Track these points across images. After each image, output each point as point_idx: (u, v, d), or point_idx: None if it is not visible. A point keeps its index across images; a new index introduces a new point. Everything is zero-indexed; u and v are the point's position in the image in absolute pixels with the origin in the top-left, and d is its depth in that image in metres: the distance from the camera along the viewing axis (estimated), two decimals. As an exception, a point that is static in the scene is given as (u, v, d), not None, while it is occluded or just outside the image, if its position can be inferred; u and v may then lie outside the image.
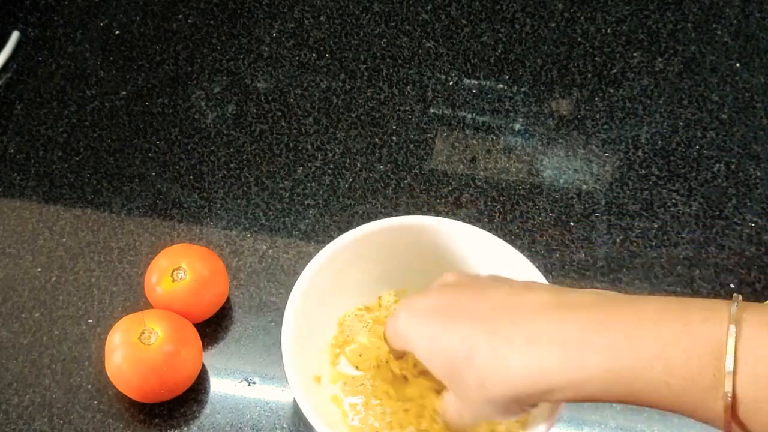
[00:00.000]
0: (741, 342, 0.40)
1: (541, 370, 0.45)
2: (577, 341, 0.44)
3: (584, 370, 0.44)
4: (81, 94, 0.82)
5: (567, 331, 0.45)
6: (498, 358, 0.46)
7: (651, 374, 0.42)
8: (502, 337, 0.47)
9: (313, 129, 0.80)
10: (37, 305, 0.70)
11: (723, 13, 0.88)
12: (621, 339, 0.43)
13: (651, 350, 0.42)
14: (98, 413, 0.65)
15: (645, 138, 0.80)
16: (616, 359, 0.43)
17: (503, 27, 0.87)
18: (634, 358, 0.42)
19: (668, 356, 0.42)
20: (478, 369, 0.47)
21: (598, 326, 0.44)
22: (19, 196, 0.76)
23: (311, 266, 0.61)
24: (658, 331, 0.42)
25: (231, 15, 0.87)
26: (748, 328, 0.41)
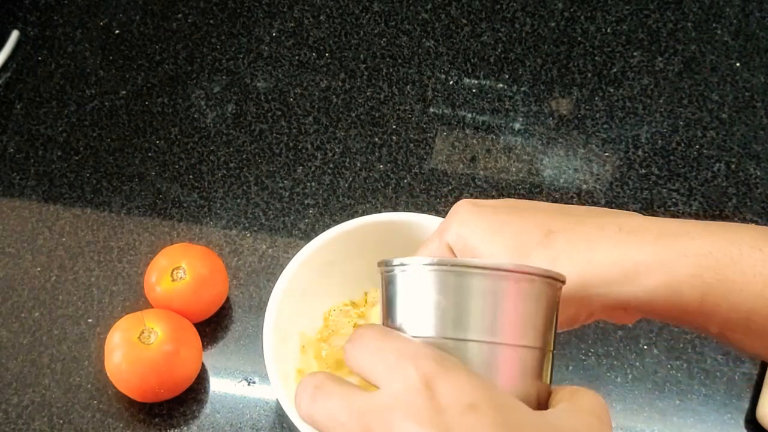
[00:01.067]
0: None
1: (630, 251, 0.41)
2: (672, 231, 0.42)
3: (678, 251, 0.41)
4: (81, 93, 0.82)
5: (662, 225, 0.43)
6: (583, 237, 0.42)
7: (747, 262, 0.41)
8: (591, 226, 0.43)
9: (313, 128, 0.80)
10: (37, 305, 0.70)
11: (723, 12, 0.88)
12: (718, 230, 0.42)
13: (749, 240, 0.41)
14: (98, 413, 0.65)
15: (645, 137, 0.80)
16: (712, 243, 0.41)
17: (503, 26, 0.87)
18: (731, 245, 0.41)
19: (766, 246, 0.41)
20: (555, 246, 0.42)
21: (695, 224, 0.43)
22: (19, 195, 0.76)
23: (296, 260, 0.61)
24: (757, 230, 0.42)
25: (231, 14, 0.87)
26: None
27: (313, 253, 0.61)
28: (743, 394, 0.67)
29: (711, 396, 0.67)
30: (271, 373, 0.56)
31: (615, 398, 0.66)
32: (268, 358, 0.56)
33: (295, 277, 0.61)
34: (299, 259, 0.61)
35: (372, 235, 0.63)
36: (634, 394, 0.67)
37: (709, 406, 0.66)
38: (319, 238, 0.62)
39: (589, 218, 0.43)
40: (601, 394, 0.68)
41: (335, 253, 0.63)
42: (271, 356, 0.57)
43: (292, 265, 0.61)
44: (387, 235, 0.64)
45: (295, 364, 0.62)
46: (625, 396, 0.66)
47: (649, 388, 0.67)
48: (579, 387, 0.37)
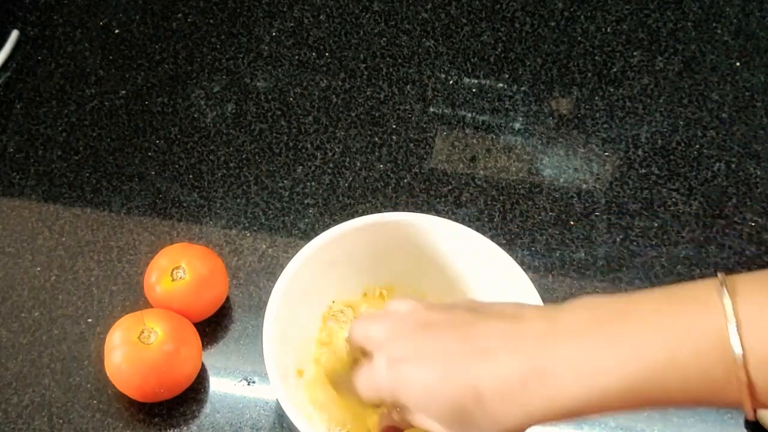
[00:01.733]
0: (742, 329, 0.41)
1: (557, 399, 0.45)
2: (586, 365, 0.44)
3: (600, 391, 0.43)
4: (80, 93, 0.82)
5: (574, 358, 0.45)
6: (511, 396, 0.46)
7: (665, 381, 0.42)
8: (511, 376, 0.46)
9: (313, 128, 0.80)
10: (37, 304, 0.70)
11: (723, 12, 0.88)
12: (629, 354, 0.43)
13: (659, 360, 0.42)
14: (98, 412, 0.65)
15: (645, 137, 0.80)
16: (628, 375, 0.43)
17: (503, 26, 0.87)
18: (644, 370, 0.43)
19: (677, 361, 0.42)
20: (491, 409, 0.46)
21: (603, 346, 0.44)
22: (19, 195, 0.76)
23: (296, 260, 0.61)
24: (662, 338, 0.43)
25: (230, 14, 0.87)
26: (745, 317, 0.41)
27: (313, 253, 0.61)
28: (743, 394, 0.67)
29: (711, 396, 0.67)
30: (271, 373, 0.56)
31: (615, 398, 0.66)
32: (268, 357, 0.56)
33: (295, 277, 0.60)
34: (299, 259, 0.61)
35: (372, 235, 0.63)
36: (634, 394, 0.66)
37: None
38: (319, 238, 0.62)
39: (504, 362, 0.46)
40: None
41: (335, 253, 0.63)
42: (271, 356, 0.57)
43: (292, 265, 0.61)
44: (387, 235, 0.64)
45: (294, 363, 0.62)
46: (625, 396, 0.66)
47: (649, 387, 0.67)
48: None
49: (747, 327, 0.41)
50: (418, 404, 0.49)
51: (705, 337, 0.42)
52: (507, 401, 0.46)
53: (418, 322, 0.51)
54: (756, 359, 0.41)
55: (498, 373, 0.46)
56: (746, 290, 0.42)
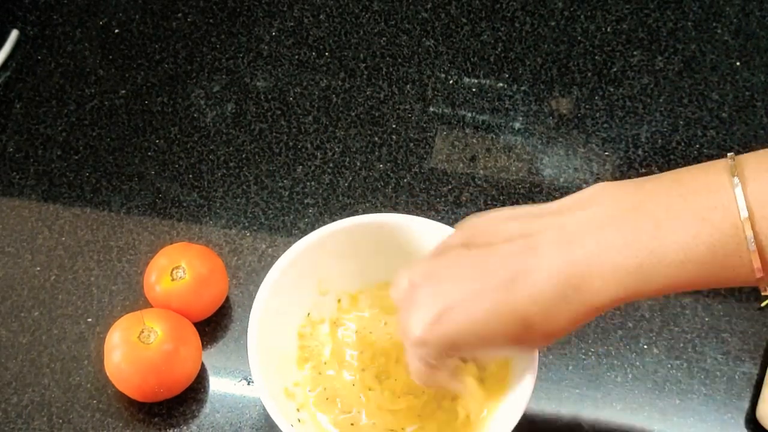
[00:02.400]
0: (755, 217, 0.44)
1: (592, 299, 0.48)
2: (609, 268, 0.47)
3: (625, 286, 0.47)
4: (80, 92, 0.82)
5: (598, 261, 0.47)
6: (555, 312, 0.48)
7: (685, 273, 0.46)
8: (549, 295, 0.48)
9: (313, 128, 0.80)
10: (36, 304, 0.70)
11: (723, 11, 0.88)
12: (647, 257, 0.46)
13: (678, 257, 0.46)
14: (97, 412, 0.65)
15: (645, 137, 0.80)
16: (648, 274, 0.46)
17: (503, 25, 0.87)
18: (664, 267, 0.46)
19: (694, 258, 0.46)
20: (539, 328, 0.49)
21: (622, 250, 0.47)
22: (18, 194, 0.76)
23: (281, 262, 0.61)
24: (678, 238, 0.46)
25: (230, 13, 0.87)
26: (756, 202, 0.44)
27: (298, 254, 0.61)
28: (743, 394, 0.67)
29: (711, 395, 0.67)
30: (256, 376, 0.56)
31: (615, 398, 0.66)
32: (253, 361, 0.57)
33: (273, 289, 0.60)
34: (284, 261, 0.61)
35: (359, 237, 0.63)
36: (634, 394, 0.66)
37: (709, 405, 0.66)
38: (305, 239, 0.62)
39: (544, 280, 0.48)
40: (601, 394, 0.68)
41: (323, 254, 0.62)
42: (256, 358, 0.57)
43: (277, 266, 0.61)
44: (375, 238, 0.63)
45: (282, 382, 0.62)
46: (625, 395, 0.66)
47: (649, 387, 0.67)
48: None
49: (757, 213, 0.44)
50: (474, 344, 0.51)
51: (719, 232, 0.45)
52: (552, 316, 0.48)
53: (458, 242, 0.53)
54: (764, 218, 0.44)
55: (537, 296, 0.48)
56: (755, 171, 0.45)
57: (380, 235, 0.63)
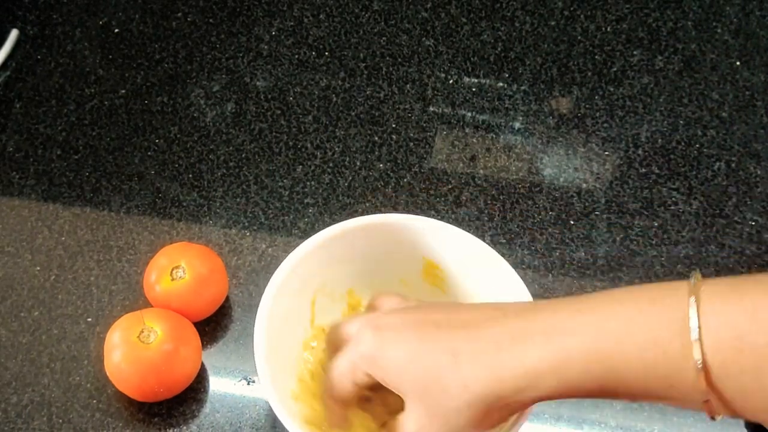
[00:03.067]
0: (702, 312, 0.43)
1: (524, 359, 0.47)
2: (557, 330, 0.46)
3: (564, 352, 0.46)
4: (80, 92, 0.82)
5: (545, 322, 0.47)
6: (485, 357, 0.48)
7: (624, 351, 0.44)
8: (487, 341, 0.48)
9: (313, 127, 0.80)
10: (36, 304, 0.70)
11: (723, 11, 0.88)
12: (593, 322, 0.46)
13: (622, 329, 0.45)
14: (97, 412, 0.65)
15: (645, 136, 0.80)
16: (590, 339, 0.45)
17: (503, 25, 0.87)
18: (606, 337, 0.45)
19: (638, 333, 0.44)
20: (463, 372, 0.48)
21: (572, 314, 0.47)
22: (18, 194, 0.76)
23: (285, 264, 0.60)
24: (626, 309, 0.45)
25: (230, 13, 0.87)
26: (707, 299, 0.43)
27: (302, 257, 0.61)
28: (743, 394, 0.66)
29: (711, 395, 0.66)
30: (263, 376, 0.56)
31: (615, 397, 0.66)
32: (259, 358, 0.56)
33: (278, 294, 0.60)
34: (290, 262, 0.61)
35: (360, 239, 0.63)
36: (634, 394, 0.66)
37: (709, 405, 0.66)
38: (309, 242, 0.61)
39: (483, 330, 0.49)
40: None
41: (325, 259, 0.62)
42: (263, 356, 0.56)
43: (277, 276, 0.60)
44: (377, 239, 0.63)
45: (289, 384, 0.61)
46: (625, 395, 0.66)
47: (649, 387, 0.67)
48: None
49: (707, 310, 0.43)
50: (395, 370, 0.50)
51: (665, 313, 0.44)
52: (479, 363, 0.48)
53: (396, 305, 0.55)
54: (712, 340, 0.42)
55: (475, 338, 0.48)
56: (714, 282, 0.44)
57: (388, 236, 0.63)
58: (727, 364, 0.42)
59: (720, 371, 0.42)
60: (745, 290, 0.43)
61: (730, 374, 0.42)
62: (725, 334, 0.42)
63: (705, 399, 0.43)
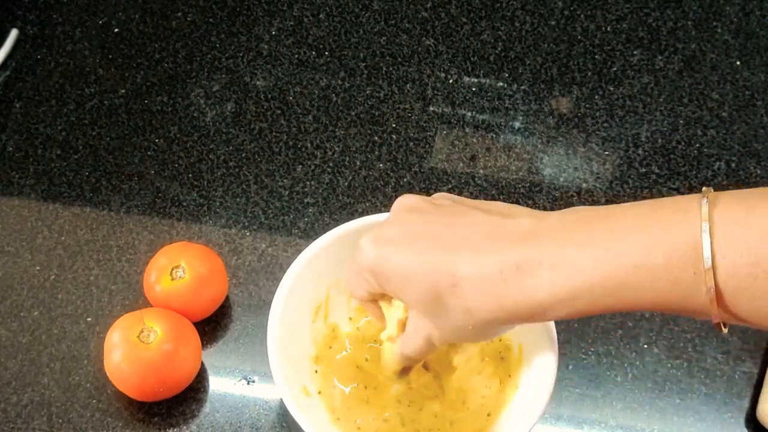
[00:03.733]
0: (715, 237, 0.42)
1: (532, 293, 0.46)
2: (563, 261, 0.45)
3: (573, 288, 0.45)
4: (80, 92, 0.82)
5: (552, 254, 0.46)
6: (488, 285, 0.46)
7: (636, 281, 0.44)
8: (490, 268, 0.46)
9: (313, 127, 0.80)
10: (36, 304, 0.70)
11: (723, 11, 0.88)
12: (603, 252, 0.44)
13: (632, 258, 0.44)
14: (97, 412, 0.65)
15: (645, 136, 0.80)
16: (599, 273, 0.44)
17: (503, 25, 0.87)
18: (616, 269, 0.44)
19: (649, 261, 0.43)
20: (465, 297, 0.47)
21: (581, 244, 0.45)
22: (18, 194, 0.76)
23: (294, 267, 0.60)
24: (638, 238, 0.44)
25: (230, 13, 0.87)
26: (720, 222, 0.42)
27: (309, 259, 0.61)
28: (744, 393, 0.67)
29: (711, 395, 0.67)
30: (276, 375, 0.56)
31: (615, 397, 0.66)
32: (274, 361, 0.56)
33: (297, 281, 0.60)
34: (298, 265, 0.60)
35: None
36: (634, 393, 0.66)
37: (709, 405, 0.66)
38: (319, 241, 0.61)
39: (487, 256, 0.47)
40: (601, 393, 0.68)
41: (339, 255, 0.62)
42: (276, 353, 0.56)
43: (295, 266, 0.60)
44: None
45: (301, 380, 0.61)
46: (625, 395, 0.66)
47: (649, 387, 0.67)
48: None
49: (721, 235, 0.42)
50: (396, 285, 0.49)
51: (679, 242, 0.43)
52: (482, 290, 0.46)
53: (407, 206, 0.52)
54: (726, 267, 0.42)
55: (477, 263, 0.47)
56: (726, 201, 0.43)
57: None
58: (741, 291, 0.42)
59: (733, 297, 0.42)
60: (759, 209, 0.42)
61: (743, 300, 0.42)
62: (739, 261, 0.41)
63: (716, 321, 0.43)
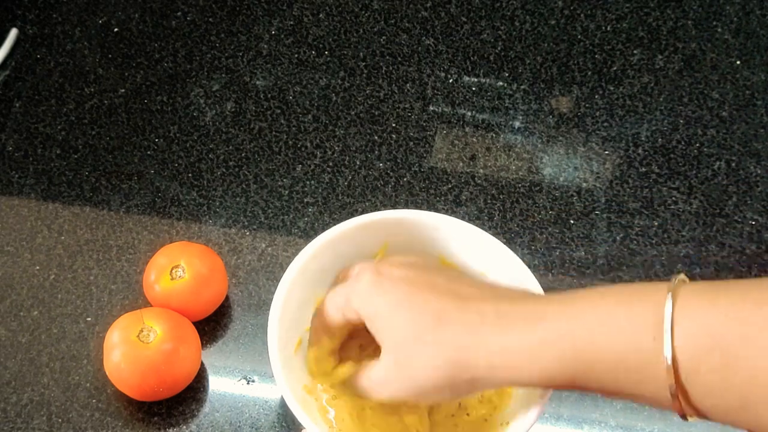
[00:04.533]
0: (677, 310, 0.42)
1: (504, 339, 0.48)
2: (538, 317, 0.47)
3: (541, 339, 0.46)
4: (79, 91, 0.82)
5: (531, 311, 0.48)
6: (467, 327, 0.49)
7: (598, 340, 0.45)
8: (474, 313, 0.49)
9: (313, 127, 0.80)
10: (36, 303, 0.70)
11: (723, 10, 0.87)
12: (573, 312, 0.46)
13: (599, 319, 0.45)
14: (97, 412, 0.65)
15: (645, 135, 0.80)
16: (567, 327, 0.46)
17: (503, 24, 0.87)
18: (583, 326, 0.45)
19: (613, 323, 0.44)
20: (442, 333, 0.49)
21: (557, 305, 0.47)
22: (18, 194, 0.76)
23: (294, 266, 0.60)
24: (605, 305, 0.45)
25: (230, 12, 0.87)
26: (684, 297, 0.43)
27: (311, 256, 0.61)
28: (743, 393, 0.66)
29: (711, 395, 0.66)
30: (277, 372, 0.56)
31: (615, 397, 0.66)
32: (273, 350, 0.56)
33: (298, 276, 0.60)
34: (299, 262, 0.60)
35: (379, 233, 0.63)
36: (634, 393, 0.66)
37: (709, 404, 0.66)
38: (319, 238, 0.61)
39: (473, 303, 0.50)
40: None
41: (335, 255, 0.62)
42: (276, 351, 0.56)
43: (296, 262, 0.60)
44: (393, 234, 0.63)
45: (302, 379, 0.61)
46: (625, 395, 0.66)
47: (649, 386, 0.67)
48: None
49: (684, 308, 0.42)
50: (382, 314, 0.51)
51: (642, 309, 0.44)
52: (460, 330, 0.49)
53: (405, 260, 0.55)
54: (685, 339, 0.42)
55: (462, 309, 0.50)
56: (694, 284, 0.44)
57: (404, 231, 0.63)
58: (697, 362, 0.42)
59: (689, 369, 0.42)
60: (724, 292, 0.43)
61: (700, 372, 0.42)
62: (697, 333, 0.42)
63: (674, 395, 0.43)
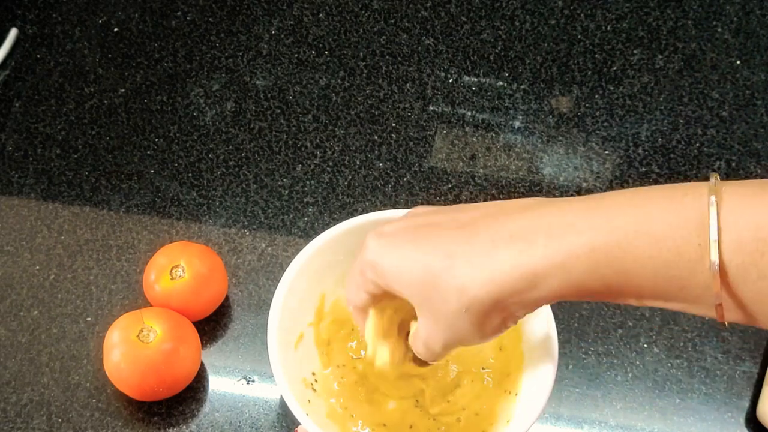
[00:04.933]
0: (722, 211, 0.40)
1: (525, 259, 0.44)
2: (560, 227, 0.43)
3: (568, 252, 0.43)
4: (79, 91, 0.82)
5: (549, 221, 0.44)
6: (481, 258, 0.45)
7: (636, 248, 0.41)
8: (484, 239, 0.45)
9: (312, 126, 0.80)
10: (36, 303, 0.70)
11: (723, 10, 0.87)
12: (603, 219, 0.42)
13: (634, 225, 0.41)
14: (97, 411, 0.65)
15: (645, 135, 0.80)
16: (599, 237, 0.42)
17: (503, 24, 0.87)
18: (617, 234, 0.42)
19: (651, 229, 0.41)
20: (459, 273, 0.45)
21: (580, 212, 0.44)
22: (18, 193, 0.76)
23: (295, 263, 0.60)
24: (641, 209, 0.42)
25: (230, 12, 0.87)
26: (728, 198, 0.40)
27: (312, 254, 0.61)
28: (744, 393, 0.67)
29: (711, 395, 0.66)
30: (276, 372, 0.56)
31: (615, 397, 0.66)
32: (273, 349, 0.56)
33: (298, 276, 0.60)
34: (299, 261, 0.60)
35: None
36: (634, 393, 0.66)
37: (709, 404, 0.66)
38: (320, 237, 0.61)
39: (483, 230, 0.46)
40: (601, 393, 0.68)
41: (336, 254, 0.62)
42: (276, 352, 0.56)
43: (295, 264, 0.60)
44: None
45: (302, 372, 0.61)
46: (625, 395, 0.66)
47: (649, 386, 0.67)
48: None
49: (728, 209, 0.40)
50: (392, 273, 0.48)
51: (684, 213, 0.40)
52: (475, 265, 0.45)
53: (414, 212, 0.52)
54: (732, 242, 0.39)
55: (471, 242, 0.45)
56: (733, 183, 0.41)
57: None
58: (747, 267, 0.39)
59: (738, 274, 0.39)
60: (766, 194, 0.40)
61: (749, 278, 0.39)
62: (746, 235, 0.39)
63: (717, 303, 0.40)
